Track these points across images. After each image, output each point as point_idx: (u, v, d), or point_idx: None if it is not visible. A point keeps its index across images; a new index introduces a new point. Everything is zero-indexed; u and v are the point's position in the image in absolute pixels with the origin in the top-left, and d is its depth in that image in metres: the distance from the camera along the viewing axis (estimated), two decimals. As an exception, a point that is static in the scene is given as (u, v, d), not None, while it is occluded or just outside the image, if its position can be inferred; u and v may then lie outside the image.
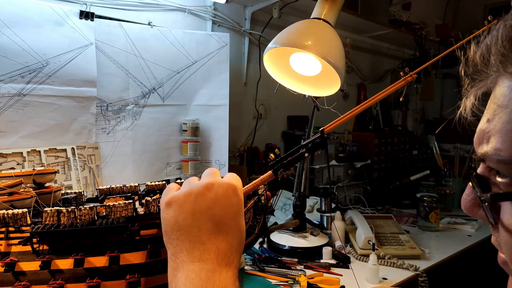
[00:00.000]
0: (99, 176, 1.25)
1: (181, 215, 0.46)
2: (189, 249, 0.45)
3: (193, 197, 0.47)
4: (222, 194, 0.47)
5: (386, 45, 2.50)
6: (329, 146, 1.87)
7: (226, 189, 0.48)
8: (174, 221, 0.46)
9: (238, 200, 0.48)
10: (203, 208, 0.46)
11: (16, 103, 1.08)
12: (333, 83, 1.05)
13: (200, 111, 1.50)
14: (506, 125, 0.30)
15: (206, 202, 0.46)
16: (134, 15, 1.36)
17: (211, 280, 0.43)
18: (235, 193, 0.48)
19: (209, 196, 0.47)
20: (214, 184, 0.48)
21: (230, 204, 0.47)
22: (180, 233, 0.46)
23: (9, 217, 0.59)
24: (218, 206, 0.46)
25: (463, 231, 1.57)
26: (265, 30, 1.76)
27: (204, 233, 0.46)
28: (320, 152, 0.63)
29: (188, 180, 0.51)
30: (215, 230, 0.46)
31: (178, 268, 0.45)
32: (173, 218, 0.47)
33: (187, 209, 0.46)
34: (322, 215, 1.47)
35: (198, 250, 0.45)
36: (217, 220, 0.46)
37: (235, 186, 0.49)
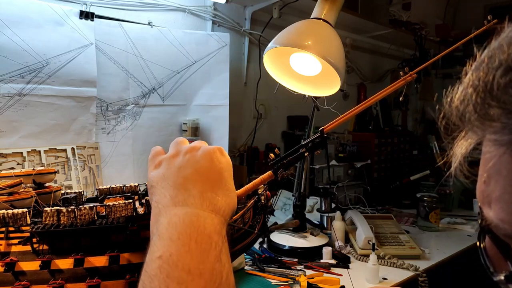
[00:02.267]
0: (99, 176, 1.25)
1: (168, 170, 0.47)
2: (172, 195, 0.44)
3: (181, 155, 0.48)
4: (208, 152, 0.47)
5: (386, 45, 2.50)
6: (329, 146, 1.87)
7: (213, 148, 0.48)
8: (161, 176, 0.47)
9: (225, 159, 0.49)
10: (190, 162, 0.46)
11: (16, 103, 1.08)
12: (333, 83, 1.05)
13: (200, 111, 1.50)
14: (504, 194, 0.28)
15: (193, 157, 0.47)
16: (134, 15, 1.36)
17: (195, 225, 0.40)
18: (222, 153, 0.49)
19: (195, 153, 0.47)
20: (201, 145, 0.49)
21: (217, 160, 0.47)
22: (166, 182, 0.46)
23: (9, 217, 0.59)
24: (204, 160, 0.46)
25: (463, 231, 1.57)
26: (265, 30, 1.76)
27: (190, 182, 0.45)
28: (320, 152, 0.63)
29: (176, 142, 0.51)
30: (201, 180, 0.45)
31: (160, 213, 0.43)
32: (160, 174, 0.47)
33: (174, 164, 0.47)
34: (322, 215, 1.47)
35: (182, 195, 0.44)
36: (204, 172, 0.46)
37: (221, 148, 0.50)
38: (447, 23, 2.93)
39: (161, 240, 0.40)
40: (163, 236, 0.40)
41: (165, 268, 0.37)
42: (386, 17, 2.15)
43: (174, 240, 0.39)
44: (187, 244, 0.38)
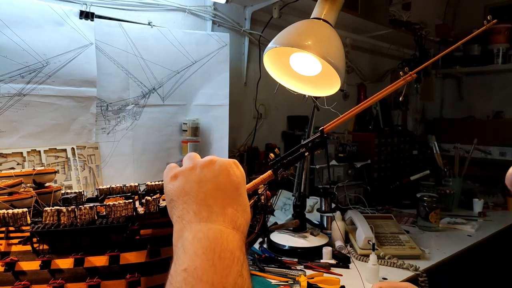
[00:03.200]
0: (99, 176, 1.25)
1: (187, 183, 0.48)
2: (196, 211, 0.46)
3: (198, 169, 0.49)
4: (225, 166, 0.49)
5: (386, 45, 2.50)
6: (329, 146, 1.87)
7: (228, 162, 0.50)
8: (180, 189, 0.48)
9: (241, 172, 0.51)
10: (209, 177, 0.48)
11: (16, 103, 1.08)
12: (333, 83, 1.05)
13: (200, 111, 1.50)
14: None
15: (211, 172, 0.49)
16: (134, 15, 1.36)
17: (219, 240, 0.43)
18: (237, 166, 0.51)
19: (213, 167, 0.49)
20: (217, 159, 0.50)
21: (234, 175, 0.49)
22: (187, 197, 0.47)
23: (9, 216, 0.59)
24: (222, 175, 0.48)
25: (463, 231, 1.57)
26: (265, 30, 1.76)
27: (210, 198, 0.47)
28: (320, 151, 0.63)
29: (189, 156, 0.53)
30: (221, 196, 0.47)
31: (184, 228, 0.45)
32: (179, 187, 0.48)
33: (193, 178, 0.48)
34: (322, 215, 1.47)
35: (205, 211, 0.46)
36: (222, 188, 0.48)
37: (236, 161, 0.52)
38: (447, 23, 2.93)
39: (186, 254, 0.42)
40: (188, 251, 0.42)
41: (190, 281, 0.39)
42: (386, 17, 2.15)
43: (199, 254, 0.41)
44: (211, 258, 0.40)
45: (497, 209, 1.97)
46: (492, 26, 0.63)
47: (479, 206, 1.89)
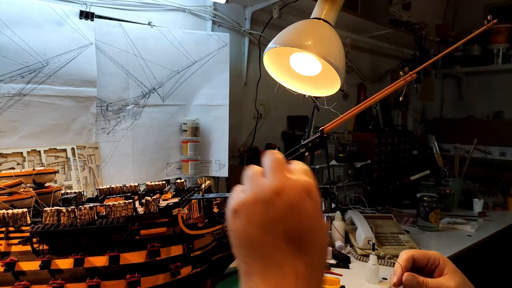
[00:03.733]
0: (99, 176, 1.25)
1: (249, 227, 0.39)
2: (263, 272, 0.38)
3: (262, 205, 0.38)
4: (295, 200, 0.38)
5: (386, 45, 2.50)
6: (329, 146, 1.87)
7: (299, 192, 0.39)
8: (242, 234, 0.40)
9: (315, 204, 0.40)
10: (275, 220, 0.38)
11: (16, 103, 1.08)
12: (333, 83, 1.05)
13: (200, 111, 1.50)
14: None
15: (278, 211, 0.38)
16: (134, 15, 1.36)
17: None
18: (310, 196, 0.39)
19: (280, 203, 0.38)
20: (285, 187, 0.39)
21: (307, 214, 0.39)
22: (251, 249, 0.39)
23: (9, 217, 0.59)
24: (292, 217, 0.38)
25: (463, 231, 1.57)
26: (265, 30, 1.76)
27: (279, 252, 0.38)
28: (320, 151, 0.63)
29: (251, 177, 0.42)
30: (292, 248, 0.38)
31: None
32: (240, 230, 0.40)
33: (255, 220, 0.39)
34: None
35: (274, 274, 0.38)
36: (293, 236, 0.38)
37: (309, 186, 0.40)
38: (447, 23, 2.93)
39: None
40: None
41: None
42: (386, 17, 2.15)
43: None
44: None
45: (497, 209, 1.97)
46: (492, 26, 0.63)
47: (479, 206, 1.89)
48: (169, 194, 0.80)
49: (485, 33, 0.66)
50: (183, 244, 0.61)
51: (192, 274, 0.62)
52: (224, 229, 0.68)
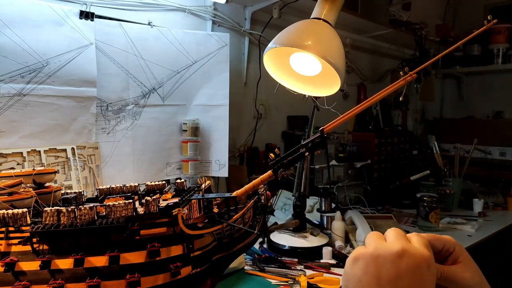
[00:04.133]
0: (99, 176, 1.25)
1: (365, 276, 0.42)
2: None
3: (381, 261, 0.42)
4: (414, 266, 0.41)
5: (386, 45, 2.50)
6: (329, 146, 1.87)
7: (419, 261, 0.42)
8: (357, 280, 0.42)
9: (431, 277, 0.42)
10: (391, 276, 0.41)
11: (16, 103, 1.08)
12: (333, 83, 1.05)
13: (200, 111, 1.50)
14: None
15: (395, 271, 0.41)
16: (134, 15, 1.36)
17: None
18: (429, 269, 0.42)
19: (399, 265, 0.41)
20: (406, 252, 0.42)
21: (422, 281, 0.41)
22: None
23: (9, 217, 0.59)
24: (408, 279, 0.41)
25: (463, 231, 1.57)
26: (265, 30, 1.76)
27: None
28: (320, 152, 0.63)
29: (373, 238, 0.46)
30: None
31: None
32: (356, 276, 0.43)
33: (372, 272, 0.42)
34: (322, 215, 1.47)
35: None
36: None
37: (429, 260, 0.43)
38: (447, 23, 2.93)
39: None
40: None
41: None
42: (386, 17, 2.15)
43: None
44: None
45: (497, 209, 1.97)
46: (492, 26, 0.63)
47: (479, 206, 1.89)
48: (169, 194, 0.80)
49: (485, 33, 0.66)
50: (183, 244, 0.61)
51: (192, 274, 0.62)
52: (224, 229, 0.68)
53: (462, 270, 0.53)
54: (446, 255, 0.55)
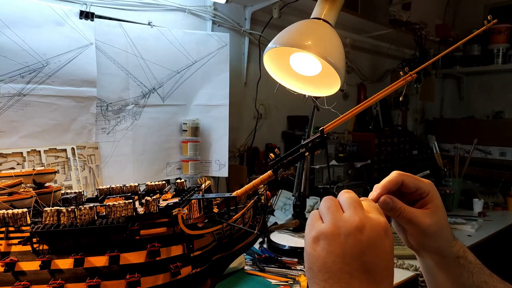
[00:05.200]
0: (99, 176, 1.25)
1: (330, 256, 0.42)
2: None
3: (343, 238, 0.42)
4: (374, 238, 0.42)
5: (386, 45, 2.50)
6: (329, 146, 1.87)
7: (378, 231, 0.43)
8: (322, 261, 0.43)
9: (390, 243, 0.44)
10: (355, 252, 0.42)
11: (16, 103, 1.08)
12: (333, 83, 1.05)
13: (200, 111, 1.50)
14: None
15: (358, 246, 0.42)
16: (134, 15, 1.36)
17: None
18: (387, 236, 0.43)
19: (361, 239, 0.42)
20: (365, 225, 0.43)
21: (384, 250, 0.43)
22: (328, 275, 0.42)
23: (9, 217, 0.59)
24: (371, 252, 0.42)
25: (463, 231, 1.57)
26: (265, 30, 1.76)
27: (355, 281, 0.41)
28: (320, 151, 0.63)
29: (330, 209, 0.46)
30: (367, 279, 0.41)
31: None
32: (320, 258, 0.43)
33: (337, 251, 0.42)
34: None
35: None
36: (370, 269, 0.42)
37: (386, 227, 0.44)
38: (447, 23, 2.93)
39: None
40: None
41: None
42: (386, 17, 2.15)
43: None
44: None
45: (497, 209, 1.97)
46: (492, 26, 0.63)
47: (479, 206, 1.89)
48: (169, 194, 0.80)
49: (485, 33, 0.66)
50: (183, 244, 0.61)
51: (192, 274, 0.62)
52: (224, 229, 0.68)
53: (423, 216, 0.54)
54: (417, 198, 0.56)
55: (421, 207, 0.55)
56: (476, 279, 0.55)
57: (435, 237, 0.54)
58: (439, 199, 0.55)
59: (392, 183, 0.56)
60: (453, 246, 0.56)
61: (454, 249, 0.56)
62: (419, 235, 0.55)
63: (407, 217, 0.54)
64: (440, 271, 0.57)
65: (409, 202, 0.56)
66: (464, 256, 0.56)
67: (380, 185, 0.56)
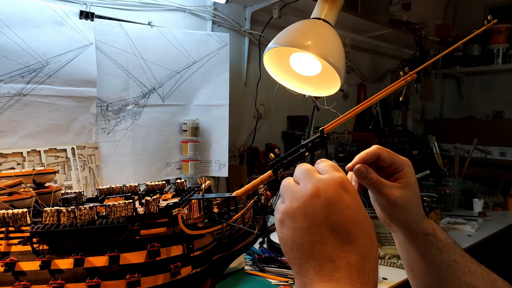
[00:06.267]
0: (99, 176, 1.25)
1: (296, 232, 0.41)
2: (315, 267, 0.39)
3: (302, 209, 0.41)
4: (332, 196, 0.40)
5: (386, 45, 2.50)
6: (329, 146, 1.87)
7: (334, 188, 0.41)
8: (291, 240, 0.41)
9: (352, 196, 0.41)
10: (318, 219, 0.40)
11: (16, 103, 1.08)
12: (333, 83, 1.05)
13: (200, 111, 1.50)
14: None
15: (319, 211, 0.40)
16: (134, 15, 1.36)
17: None
18: (346, 190, 0.41)
19: (319, 203, 0.40)
20: (319, 187, 0.41)
21: (346, 206, 0.40)
22: (302, 251, 0.40)
23: (9, 217, 0.59)
24: (333, 212, 0.40)
25: (463, 231, 1.57)
26: (265, 30, 1.76)
27: (328, 248, 0.39)
28: (320, 151, 0.63)
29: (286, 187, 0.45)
30: (340, 241, 0.39)
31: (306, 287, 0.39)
32: (289, 237, 0.41)
33: (301, 224, 0.41)
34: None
35: (327, 268, 0.39)
36: (339, 230, 0.40)
37: (342, 181, 0.42)
38: (447, 23, 2.93)
39: None
40: None
41: None
42: (386, 17, 2.15)
43: None
44: None
45: (497, 209, 1.98)
46: (492, 26, 0.63)
47: (479, 206, 1.89)
48: (169, 194, 0.80)
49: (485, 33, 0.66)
50: (183, 244, 0.61)
51: (192, 274, 0.62)
52: (224, 229, 0.68)
53: (393, 188, 0.56)
54: (392, 172, 0.58)
55: (394, 181, 0.57)
56: (445, 257, 0.57)
57: (402, 211, 0.57)
58: (413, 176, 0.58)
59: (370, 154, 0.58)
60: (422, 223, 0.58)
61: (423, 225, 0.58)
62: (387, 206, 0.57)
63: (378, 187, 0.56)
64: (410, 247, 0.59)
65: (385, 176, 0.58)
66: (433, 233, 0.58)
67: (358, 156, 0.59)
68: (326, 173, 0.43)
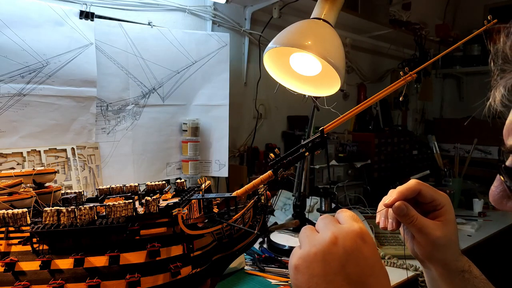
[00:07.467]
0: (99, 176, 1.25)
1: (312, 279, 0.40)
2: None
3: (320, 256, 0.41)
4: (350, 246, 0.40)
5: (386, 45, 2.50)
6: (329, 146, 1.87)
7: (353, 238, 0.41)
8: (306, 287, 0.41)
9: (370, 248, 0.42)
10: (335, 267, 0.40)
11: (16, 103, 1.08)
12: (333, 83, 1.05)
13: (200, 111, 1.50)
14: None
15: (336, 260, 0.40)
16: (134, 15, 1.36)
17: None
18: (365, 241, 0.41)
19: (337, 252, 0.40)
20: (338, 236, 0.41)
21: (364, 257, 0.40)
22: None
23: (9, 217, 0.59)
24: (350, 262, 0.40)
25: (463, 231, 1.56)
26: (265, 30, 1.76)
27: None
28: (320, 151, 0.63)
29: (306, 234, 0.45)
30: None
31: None
32: (303, 284, 0.41)
33: (317, 271, 0.40)
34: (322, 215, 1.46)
35: None
36: (355, 280, 0.40)
37: (361, 232, 0.42)
38: (447, 23, 2.93)
39: None
40: None
41: None
42: (386, 17, 2.15)
43: None
44: None
45: (497, 209, 1.97)
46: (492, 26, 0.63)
47: (479, 206, 1.89)
48: (169, 194, 0.80)
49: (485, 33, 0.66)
50: (183, 244, 0.61)
51: (192, 274, 0.62)
52: (224, 229, 0.68)
53: (435, 227, 0.54)
54: (431, 209, 0.56)
55: (434, 219, 0.55)
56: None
57: (442, 250, 0.55)
58: (452, 214, 0.56)
59: (410, 190, 0.55)
60: (459, 260, 0.56)
61: (460, 263, 0.56)
62: (427, 246, 0.55)
63: (418, 226, 0.54)
64: (444, 284, 0.57)
65: (423, 212, 0.56)
66: (469, 270, 0.56)
67: (397, 191, 0.56)
68: (346, 223, 0.44)
